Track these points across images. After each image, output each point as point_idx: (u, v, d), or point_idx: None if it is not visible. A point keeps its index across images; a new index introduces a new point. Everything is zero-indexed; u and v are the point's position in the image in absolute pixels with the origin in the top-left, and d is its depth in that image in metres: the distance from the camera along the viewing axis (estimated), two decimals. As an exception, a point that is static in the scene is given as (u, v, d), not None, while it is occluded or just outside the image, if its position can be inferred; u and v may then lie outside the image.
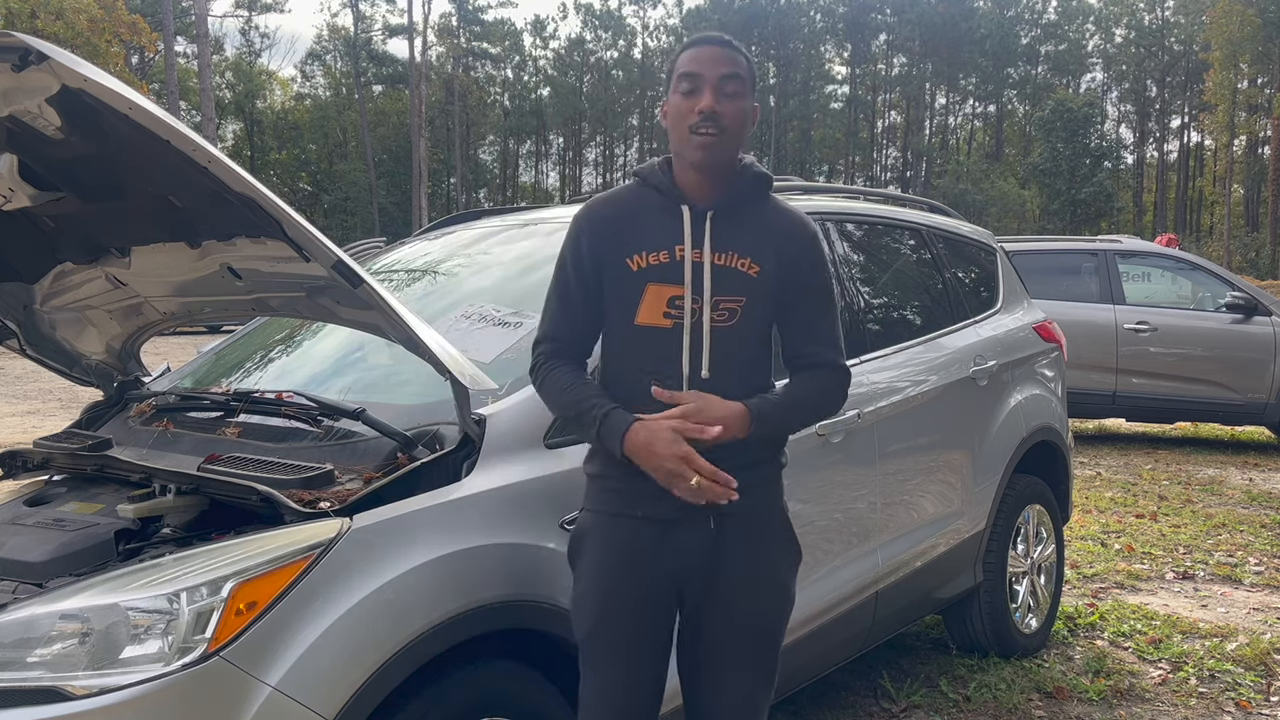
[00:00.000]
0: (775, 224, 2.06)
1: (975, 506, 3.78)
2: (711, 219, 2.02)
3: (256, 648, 1.84)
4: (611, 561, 2.03)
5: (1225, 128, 51.44)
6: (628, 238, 2.04)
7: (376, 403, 2.43)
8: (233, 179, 1.98)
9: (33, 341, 2.89)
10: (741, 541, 2.03)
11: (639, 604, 2.02)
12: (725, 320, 2.00)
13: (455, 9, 63.87)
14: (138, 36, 30.48)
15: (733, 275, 2.00)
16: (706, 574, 2.02)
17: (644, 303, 2.01)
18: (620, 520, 2.03)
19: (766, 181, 2.09)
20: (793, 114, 66.39)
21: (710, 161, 1.99)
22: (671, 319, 1.99)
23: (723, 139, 1.97)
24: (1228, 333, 8.91)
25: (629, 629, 2.02)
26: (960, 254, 4.28)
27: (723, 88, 1.97)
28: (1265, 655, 4.13)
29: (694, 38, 2.06)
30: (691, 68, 1.98)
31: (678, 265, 2.00)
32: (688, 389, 1.98)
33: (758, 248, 2.02)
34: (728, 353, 2.00)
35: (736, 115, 1.98)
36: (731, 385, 1.99)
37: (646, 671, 2.05)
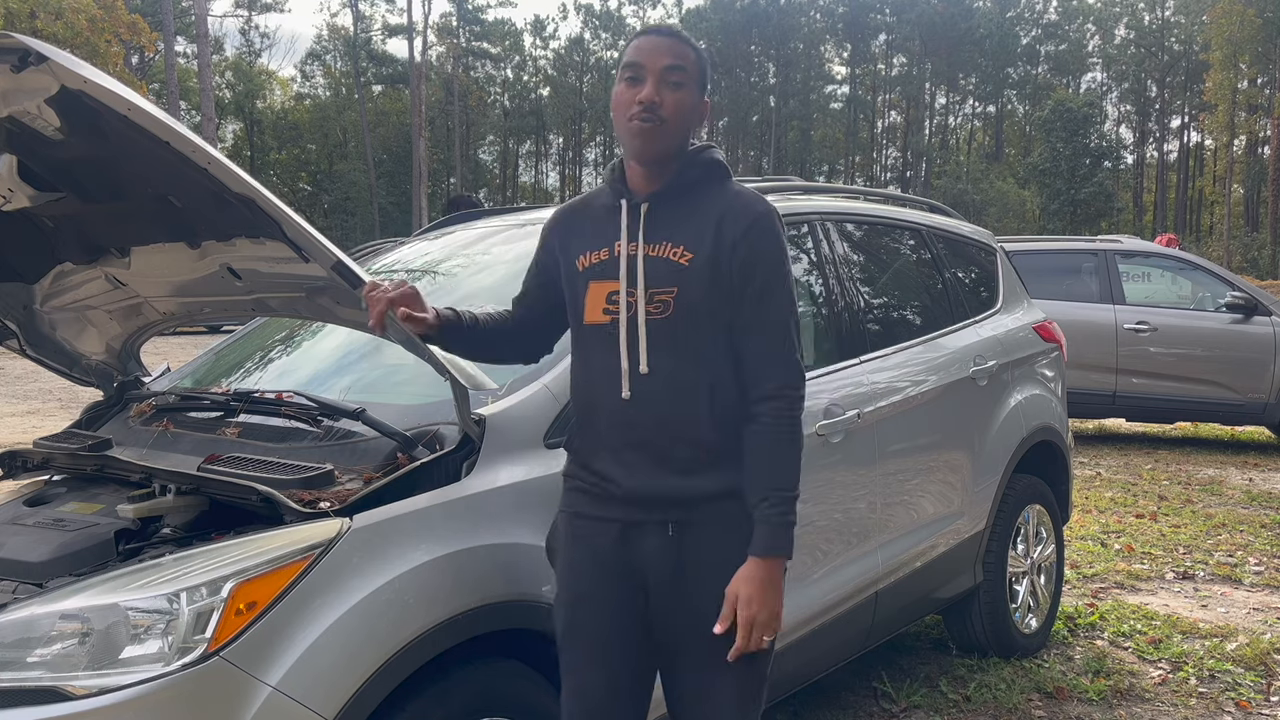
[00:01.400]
0: (719, 208, 1.95)
1: (975, 506, 3.78)
2: (647, 210, 1.97)
3: (256, 648, 1.84)
4: (578, 562, 2.01)
5: (1225, 128, 51.50)
6: (579, 238, 2.03)
7: (376, 403, 2.43)
8: (232, 180, 1.98)
9: (33, 341, 2.89)
10: (706, 551, 1.94)
11: (606, 605, 1.98)
12: (660, 313, 1.92)
13: (455, 9, 63.91)
14: (137, 36, 30.48)
15: (665, 265, 1.93)
16: (672, 583, 1.94)
17: (588, 301, 1.98)
18: (585, 521, 2.01)
19: (719, 169, 2.01)
20: (793, 114, 66.42)
21: (648, 151, 1.94)
22: (610, 315, 1.95)
23: (661, 129, 1.91)
24: (1228, 333, 8.91)
25: (596, 630, 1.98)
26: (960, 254, 4.28)
27: (665, 78, 1.92)
28: (1265, 655, 4.13)
29: (644, 28, 2.02)
30: (635, 57, 1.93)
31: (615, 261, 1.96)
32: (628, 386, 1.92)
33: (695, 235, 1.93)
34: (667, 346, 1.92)
35: (677, 106, 1.92)
36: (675, 379, 1.92)
37: (619, 674, 1.99)
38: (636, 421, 1.93)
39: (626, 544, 1.96)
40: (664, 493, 1.94)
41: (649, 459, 1.93)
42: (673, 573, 1.95)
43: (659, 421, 1.93)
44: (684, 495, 1.94)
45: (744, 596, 1.87)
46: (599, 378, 1.96)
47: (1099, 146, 48.73)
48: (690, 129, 1.98)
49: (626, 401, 1.93)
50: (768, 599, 1.88)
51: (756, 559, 1.89)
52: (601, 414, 1.97)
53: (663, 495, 1.94)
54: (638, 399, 1.92)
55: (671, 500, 1.94)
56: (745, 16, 64.89)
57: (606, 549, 1.97)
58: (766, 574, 1.89)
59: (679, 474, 1.93)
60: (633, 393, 1.92)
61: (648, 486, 1.94)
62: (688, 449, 1.93)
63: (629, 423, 1.94)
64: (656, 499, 1.94)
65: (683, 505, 1.94)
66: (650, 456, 1.93)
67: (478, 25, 65.90)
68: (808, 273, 3.39)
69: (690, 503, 1.94)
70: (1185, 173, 67.66)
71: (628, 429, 1.94)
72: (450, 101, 62.32)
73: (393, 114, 63.01)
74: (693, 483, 1.93)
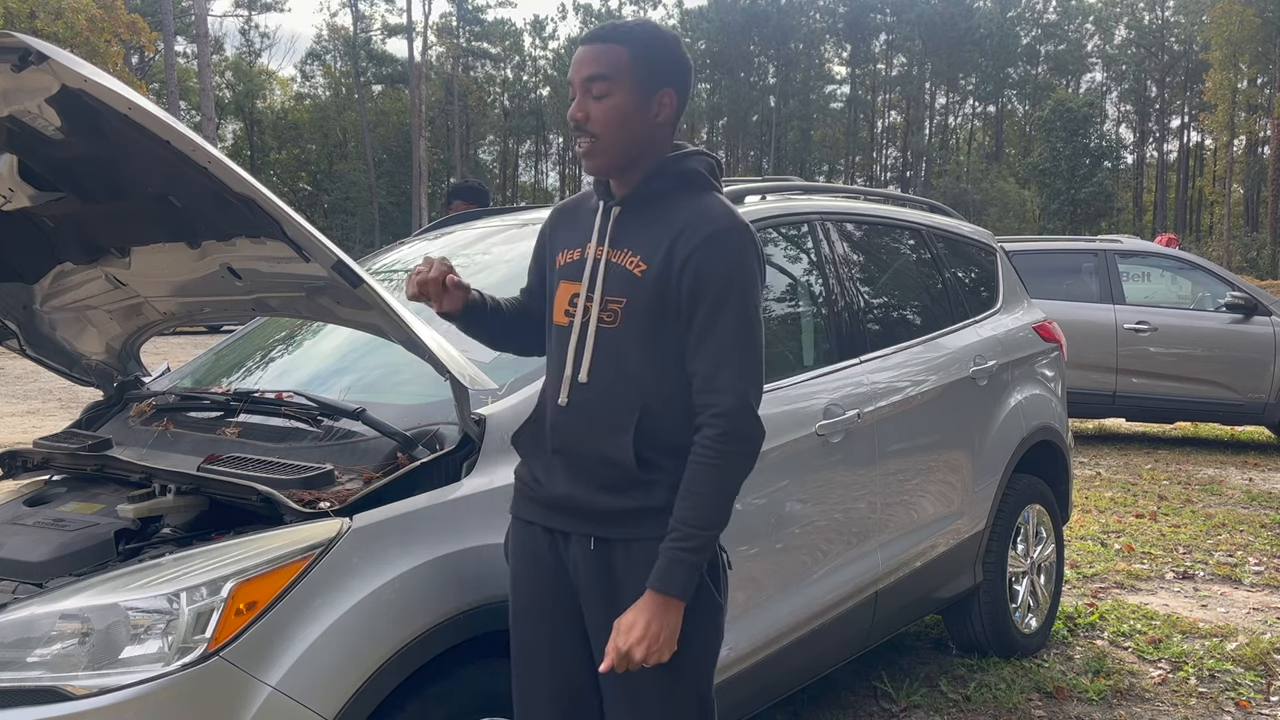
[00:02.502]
0: (679, 221, 1.85)
1: (975, 506, 3.78)
2: (616, 215, 1.92)
3: (256, 648, 1.84)
4: (519, 565, 2.01)
5: (1225, 128, 51.48)
6: (563, 236, 2.03)
7: (376, 403, 2.43)
8: (232, 179, 1.98)
9: (33, 341, 2.89)
10: (629, 570, 1.85)
11: (540, 607, 1.97)
12: (610, 322, 1.87)
13: (455, 9, 63.88)
14: (137, 36, 30.45)
15: (620, 274, 1.87)
16: (596, 597, 1.89)
17: (556, 301, 1.97)
18: (524, 525, 2.01)
19: (698, 178, 1.91)
20: (793, 114, 66.38)
21: (594, 169, 1.88)
22: (569, 317, 1.92)
23: (597, 144, 1.85)
24: (1228, 333, 8.91)
25: (537, 634, 1.98)
26: (960, 254, 4.28)
27: (589, 89, 1.84)
28: (1265, 655, 4.13)
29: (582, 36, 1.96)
30: (569, 74, 1.88)
31: (583, 263, 1.93)
32: (566, 392, 1.89)
33: (651, 246, 1.85)
34: (609, 357, 1.86)
35: (605, 116, 1.83)
36: (609, 393, 1.86)
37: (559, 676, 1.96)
38: (566, 430, 1.91)
39: (556, 552, 1.96)
40: (586, 505, 1.89)
41: (574, 469, 1.90)
42: (597, 587, 1.90)
43: (585, 434, 1.89)
44: (605, 510, 1.88)
45: (626, 623, 1.77)
46: (550, 379, 1.97)
47: (1099, 146, 48.71)
48: (641, 132, 1.87)
49: (562, 408, 1.91)
50: (650, 633, 1.75)
51: (650, 591, 1.77)
52: (543, 416, 1.96)
53: (585, 507, 1.90)
54: (572, 407, 1.90)
55: (593, 514, 1.89)
56: (745, 16, 64.85)
57: (542, 554, 1.97)
58: (656, 607, 1.76)
59: (600, 489, 1.88)
60: (569, 400, 1.89)
61: (570, 496, 1.91)
62: (608, 467, 1.87)
63: (560, 430, 1.92)
64: (579, 510, 1.91)
65: (604, 520, 1.89)
66: (576, 466, 1.90)
67: (478, 25, 65.88)
68: (808, 273, 3.39)
69: (612, 518, 1.88)
70: (1185, 173, 67.66)
71: (558, 435, 1.92)
72: (450, 101, 62.31)
73: (393, 114, 63.00)
74: (614, 499, 1.87)
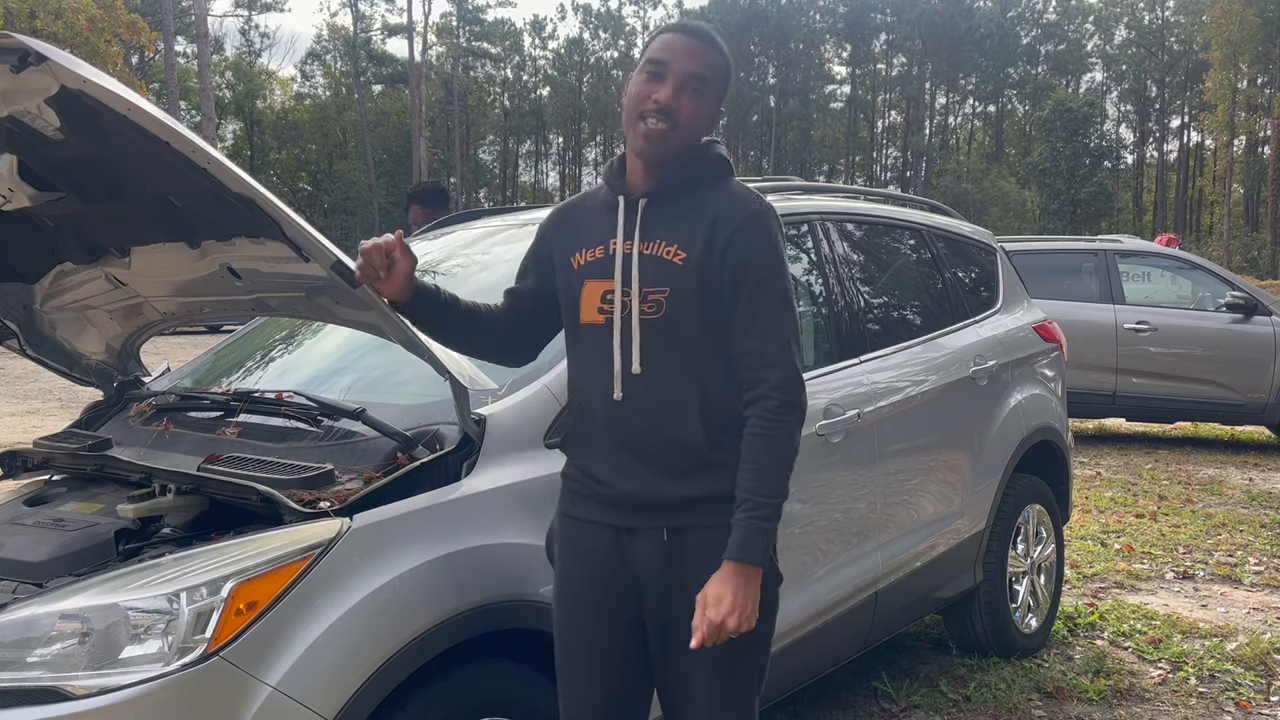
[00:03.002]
0: (711, 208, 1.92)
1: (975, 506, 3.78)
2: (644, 207, 1.94)
3: (256, 648, 1.84)
4: (572, 565, 2.01)
5: (1225, 127, 51.46)
6: (575, 236, 2.02)
7: (376, 403, 2.43)
8: (232, 180, 1.98)
9: (33, 341, 2.89)
10: (701, 558, 1.89)
11: (596, 608, 1.97)
12: (654, 313, 1.90)
13: (455, 9, 63.89)
14: (137, 36, 30.44)
15: (659, 264, 1.90)
16: (665, 590, 1.93)
17: (583, 300, 1.97)
18: (580, 523, 2.00)
19: (720, 165, 1.98)
20: (793, 114, 66.39)
21: (653, 154, 1.91)
22: (605, 315, 1.93)
23: (672, 135, 1.89)
24: (1228, 333, 8.91)
25: (588, 634, 1.98)
26: (960, 254, 4.28)
27: (687, 83, 1.88)
28: (1265, 655, 4.13)
29: (677, 23, 1.98)
30: (663, 55, 1.89)
31: (610, 259, 1.94)
32: (620, 387, 1.90)
33: (688, 234, 1.90)
34: (660, 347, 1.90)
35: (693, 113, 1.90)
36: (668, 381, 1.90)
37: (614, 679, 1.98)
38: (629, 423, 1.92)
39: (620, 548, 1.96)
40: (657, 497, 1.92)
41: (641, 462, 1.92)
42: (666, 577, 1.93)
43: (650, 423, 1.91)
44: (677, 499, 1.92)
45: (713, 595, 1.82)
46: (593, 378, 1.96)
47: (1099, 146, 48.71)
48: (701, 136, 1.96)
49: (618, 402, 1.91)
50: (737, 603, 1.81)
51: (730, 562, 1.83)
52: (595, 415, 1.96)
53: (656, 500, 1.92)
54: (629, 400, 1.91)
55: (665, 505, 1.92)
56: (745, 16, 64.87)
57: (601, 552, 1.97)
58: (739, 577, 1.83)
59: (671, 477, 1.91)
60: (625, 394, 1.91)
61: (641, 490, 1.92)
62: (679, 452, 1.91)
63: (621, 424, 1.92)
64: (650, 504, 1.93)
65: (676, 510, 1.92)
66: (642, 459, 1.92)
67: (478, 25, 65.88)
68: (808, 272, 3.39)
69: (683, 507, 1.92)
70: (1185, 173, 67.66)
71: (620, 430, 1.93)
72: (450, 101, 62.30)
73: (393, 114, 63.00)
74: (685, 486, 1.91)
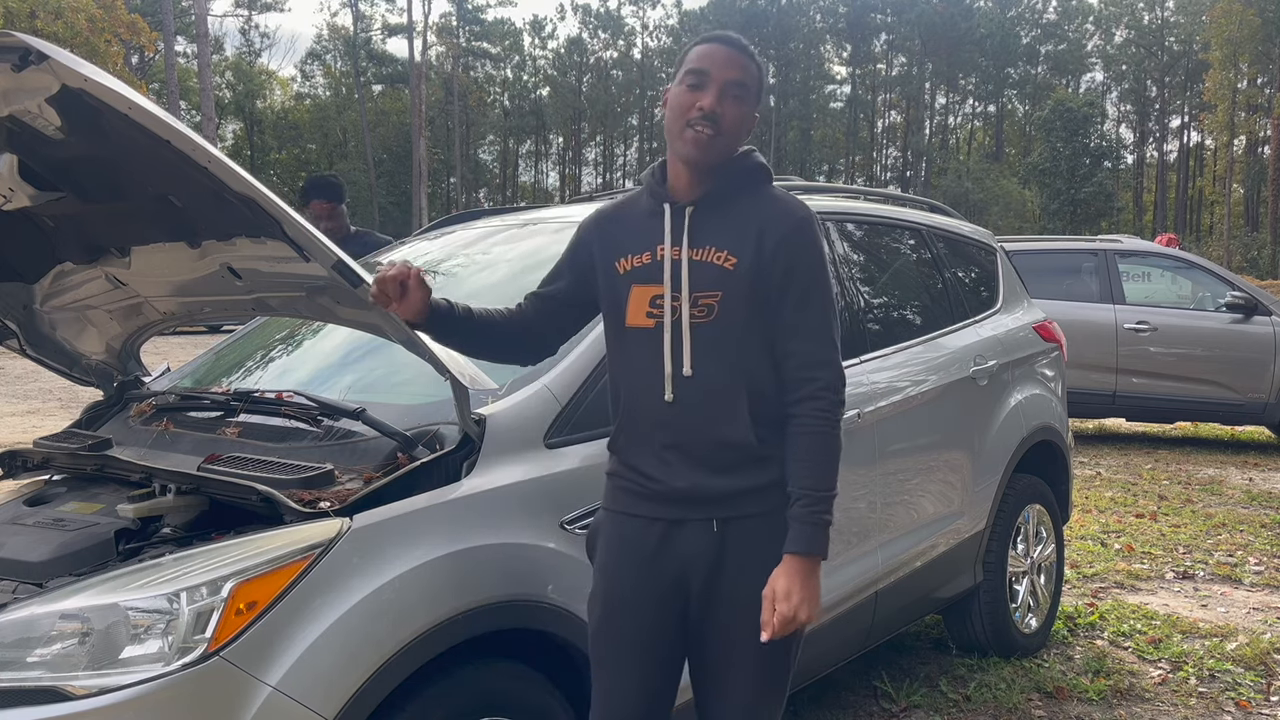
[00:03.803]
0: (759, 214, 2.00)
1: (975, 506, 3.78)
2: (691, 215, 2.00)
3: (256, 648, 1.84)
4: (616, 559, 2.04)
5: (1225, 127, 51.45)
6: (619, 241, 2.07)
7: (376, 403, 2.43)
8: (232, 179, 1.98)
9: (33, 341, 2.89)
10: (747, 546, 1.99)
11: (642, 603, 2.01)
12: (704, 317, 1.96)
13: (455, 9, 63.89)
14: (137, 36, 30.43)
15: (709, 270, 1.97)
16: (711, 577, 1.99)
17: (630, 305, 2.02)
18: (626, 519, 2.04)
19: (761, 173, 2.05)
20: (793, 114, 66.37)
21: (702, 160, 1.97)
22: (654, 319, 1.98)
23: (718, 140, 1.96)
24: (1228, 333, 8.91)
25: (631, 628, 2.01)
26: (960, 254, 4.28)
27: (728, 90, 1.96)
28: (1265, 655, 4.13)
29: (711, 34, 2.05)
30: (702, 64, 1.97)
31: (658, 265, 1.99)
32: (671, 389, 1.96)
33: (738, 240, 1.98)
34: (710, 350, 1.96)
35: (737, 119, 1.98)
36: (718, 383, 1.96)
37: (654, 675, 2.03)
38: (679, 423, 1.97)
39: (669, 542, 2.00)
40: (707, 491, 1.97)
41: (690, 459, 1.97)
42: (715, 568, 1.99)
43: (701, 424, 1.97)
44: (726, 493, 1.97)
45: (782, 590, 1.90)
46: (641, 380, 2.00)
47: (1099, 146, 48.67)
48: (741, 142, 2.03)
49: (669, 404, 1.97)
50: (806, 594, 1.91)
51: (794, 556, 1.92)
52: (644, 415, 2.00)
53: (705, 493, 1.97)
54: (680, 401, 1.96)
55: (715, 498, 1.98)
56: (745, 17, 64.82)
57: (650, 547, 2.00)
58: (805, 570, 1.92)
59: (720, 473, 1.97)
60: (675, 395, 1.96)
61: (691, 486, 1.97)
62: (729, 450, 1.97)
63: (671, 424, 1.98)
64: (700, 497, 1.98)
65: (726, 502, 1.98)
66: (691, 457, 1.97)
67: (477, 25, 65.88)
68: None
69: (731, 499, 1.98)
70: (1185, 173, 67.65)
71: (670, 430, 1.98)
72: (450, 101, 62.30)
73: (393, 114, 63.01)
74: (734, 480, 1.97)
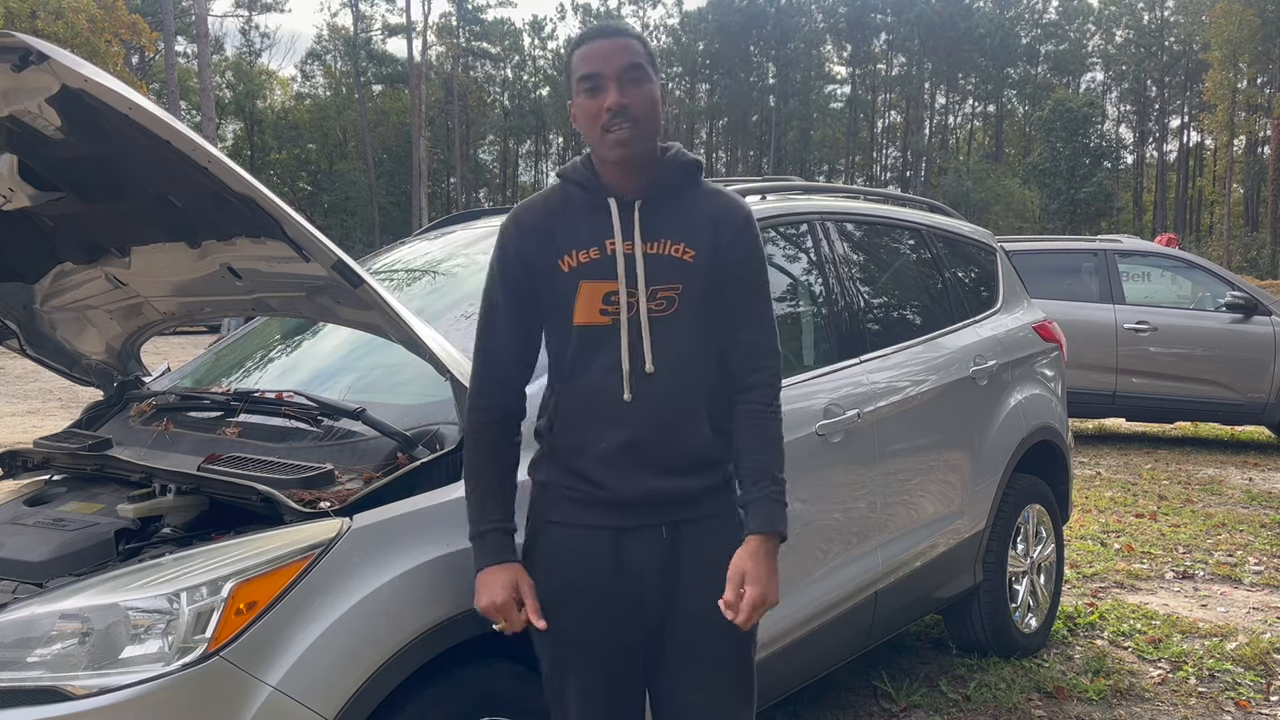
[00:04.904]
0: (707, 208, 1.99)
1: (975, 506, 3.78)
2: (640, 209, 1.95)
3: (256, 648, 1.84)
4: (568, 574, 1.97)
5: (1225, 127, 51.45)
6: (557, 239, 1.97)
7: (376, 403, 2.42)
8: (232, 179, 1.98)
9: (33, 341, 2.89)
10: (699, 550, 1.95)
11: (602, 616, 1.96)
12: (664, 310, 1.92)
13: (455, 9, 63.86)
14: (137, 36, 30.42)
15: (667, 263, 1.93)
16: (665, 580, 1.95)
17: (579, 302, 1.94)
18: (573, 530, 1.98)
19: (696, 168, 2.02)
20: (793, 114, 66.36)
21: (630, 155, 1.92)
22: (609, 315, 1.93)
23: (637, 129, 1.90)
24: (1228, 332, 8.91)
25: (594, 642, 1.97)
26: (960, 254, 4.28)
27: (625, 77, 1.89)
28: (1265, 655, 4.13)
29: (585, 33, 1.98)
30: (591, 67, 1.90)
31: (610, 259, 1.93)
32: (630, 386, 1.91)
33: (693, 232, 1.96)
34: (671, 344, 1.93)
35: (645, 103, 1.91)
36: (679, 379, 1.93)
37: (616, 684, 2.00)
38: (637, 424, 1.92)
39: (620, 551, 1.96)
40: (660, 495, 1.93)
41: (644, 462, 1.92)
42: (665, 571, 1.95)
43: (661, 423, 1.92)
44: (679, 496, 1.94)
45: (751, 573, 1.90)
46: (593, 381, 1.94)
47: (1099, 146, 48.63)
48: (660, 119, 1.96)
49: (628, 404, 1.91)
50: (772, 575, 1.91)
51: (759, 536, 1.92)
52: (595, 419, 1.94)
53: (658, 498, 1.93)
54: (640, 400, 1.91)
55: (666, 501, 1.94)
56: (744, 17, 64.82)
57: (599, 556, 1.96)
58: (768, 550, 1.92)
59: (675, 475, 1.93)
60: (635, 394, 1.91)
61: (641, 490, 1.92)
62: (687, 451, 1.94)
63: (628, 425, 1.92)
64: (652, 502, 1.94)
65: (676, 506, 1.95)
66: (647, 459, 1.92)
67: (477, 25, 65.84)
68: (807, 272, 3.39)
69: (683, 503, 1.95)
70: (1185, 173, 67.64)
71: (626, 431, 1.92)
72: (450, 101, 62.29)
73: (393, 114, 62.98)
74: (687, 482, 1.94)
